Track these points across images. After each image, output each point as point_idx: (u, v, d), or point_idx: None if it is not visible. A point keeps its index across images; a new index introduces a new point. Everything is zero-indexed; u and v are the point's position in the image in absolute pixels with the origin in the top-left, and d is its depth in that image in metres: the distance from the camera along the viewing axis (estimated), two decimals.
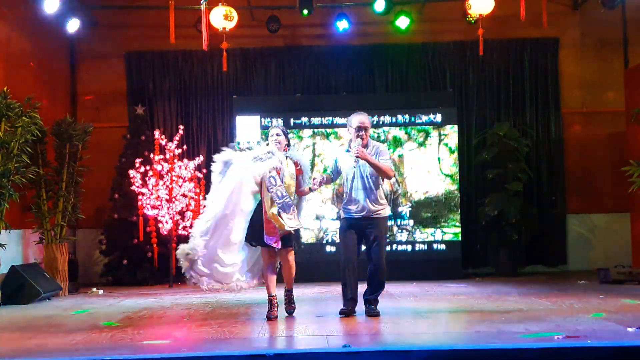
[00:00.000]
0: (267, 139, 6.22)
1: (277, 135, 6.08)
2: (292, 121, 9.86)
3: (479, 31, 8.15)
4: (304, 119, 9.92)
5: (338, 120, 9.85)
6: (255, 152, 6.11)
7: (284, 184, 5.91)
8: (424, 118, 9.85)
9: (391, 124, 9.82)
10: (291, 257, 6.09)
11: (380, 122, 9.79)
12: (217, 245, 5.87)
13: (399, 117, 9.84)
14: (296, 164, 6.10)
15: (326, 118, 9.90)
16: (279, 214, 5.84)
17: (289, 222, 5.85)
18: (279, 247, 5.91)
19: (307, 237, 9.52)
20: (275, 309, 6.05)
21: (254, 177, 5.91)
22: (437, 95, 10.45)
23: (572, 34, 10.89)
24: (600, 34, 10.75)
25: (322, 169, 9.59)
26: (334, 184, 7.91)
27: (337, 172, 6.31)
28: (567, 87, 10.88)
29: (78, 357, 4.44)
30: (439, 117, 9.84)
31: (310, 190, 6.14)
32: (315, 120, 9.91)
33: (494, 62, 10.79)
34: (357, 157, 5.94)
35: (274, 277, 6.12)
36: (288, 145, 6.18)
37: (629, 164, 8.70)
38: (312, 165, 9.41)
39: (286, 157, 6.07)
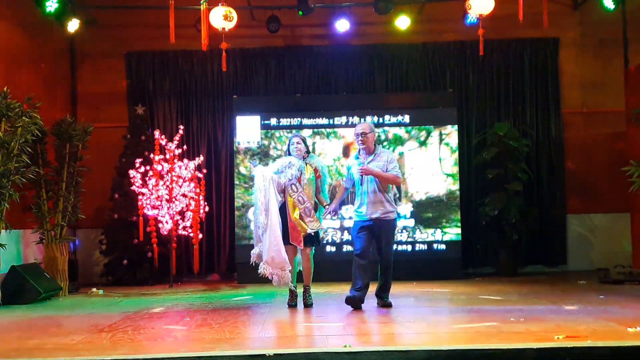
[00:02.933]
0: (288, 147, 6.78)
1: (298, 144, 6.71)
2: (292, 121, 9.87)
3: (479, 31, 8.13)
4: (304, 119, 9.92)
5: (338, 120, 9.85)
6: (277, 165, 6.71)
7: (304, 190, 6.53)
8: (393, 119, 9.85)
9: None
10: (310, 255, 6.71)
11: (381, 122, 9.82)
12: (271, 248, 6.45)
13: (378, 118, 9.86)
14: (315, 170, 6.72)
15: (326, 118, 9.90)
16: (301, 217, 6.50)
17: (310, 225, 6.52)
18: (302, 246, 6.60)
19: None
20: (295, 298, 6.74)
21: (276, 190, 6.55)
22: (437, 95, 10.45)
23: (572, 34, 10.89)
24: (600, 34, 10.75)
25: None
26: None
27: (350, 180, 6.71)
28: (567, 87, 10.88)
29: (78, 357, 4.44)
30: (407, 118, 9.83)
31: (332, 210, 6.69)
32: (315, 121, 9.92)
33: (494, 62, 10.78)
34: (362, 174, 6.41)
35: (295, 271, 6.72)
36: (307, 152, 6.78)
37: (629, 164, 8.70)
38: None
39: (305, 163, 6.67)
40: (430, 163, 9.78)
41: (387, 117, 9.83)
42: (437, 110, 9.89)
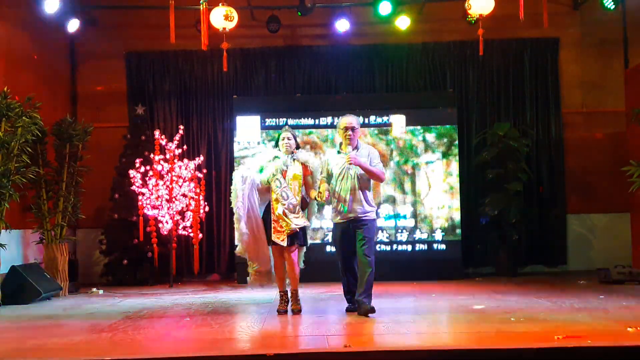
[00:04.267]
0: (277, 142, 6.51)
1: (288, 139, 6.43)
2: (292, 121, 9.86)
3: (479, 31, 8.13)
4: (304, 119, 9.92)
5: (338, 120, 9.82)
6: (261, 159, 6.49)
7: (289, 186, 6.24)
8: (379, 120, 9.84)
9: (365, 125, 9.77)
10: (294, 255, 6.35)
11: (378, 123, 9.82)
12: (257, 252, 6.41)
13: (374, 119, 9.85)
14: (304, 165, 6.40)
15: (326, 118, 9.89)
16: (284, 214, 6.20)
17: (295, 221, 6.20)
18: (285, 244, 6.25)
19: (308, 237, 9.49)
20: (285, 304, 6.40)
21: (257, 187, 6.36)
22: (437, 95, 10.45)
23: (572, 34, 10.89)
24: (600, 34, 10.75)
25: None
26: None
27: (330, 176, 6.39)
28: (567, 87, 10.88)
29: (78, 358, 4.44)
30: (407, 118, 9.82)
31: (316, 199, 6.32)
32: (315, 120, 9.91)
33: (494, 62, 10.78)
34: (351, 163, 6.13)
35: (285, 274, 6.41)
36: (297, 148, 6.50)
37: (629, 164, 8.69)
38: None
39: (293, 159, 6.38)
40: (437, 172, 9.78)
41: (387, 117, 9.81)
42: (437, 110, 9.88)
